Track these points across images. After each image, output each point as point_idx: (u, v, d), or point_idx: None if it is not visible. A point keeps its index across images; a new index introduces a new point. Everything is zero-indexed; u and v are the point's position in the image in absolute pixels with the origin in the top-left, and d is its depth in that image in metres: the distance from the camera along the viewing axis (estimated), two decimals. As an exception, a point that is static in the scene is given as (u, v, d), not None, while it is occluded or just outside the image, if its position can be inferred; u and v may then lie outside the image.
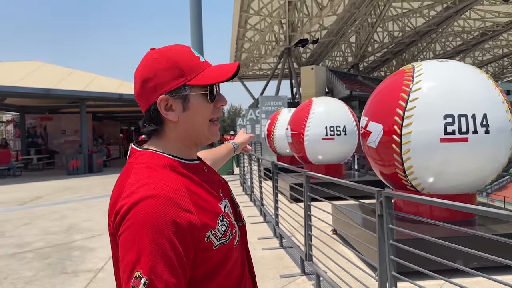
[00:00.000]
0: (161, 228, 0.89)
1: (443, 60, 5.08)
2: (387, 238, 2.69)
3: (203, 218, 0.98)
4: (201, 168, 1.14)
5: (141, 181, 0.97)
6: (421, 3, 38.03)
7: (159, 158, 1.06)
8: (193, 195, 1.00)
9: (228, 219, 1.08)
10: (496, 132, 4.44)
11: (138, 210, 0.91)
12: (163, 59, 1.07)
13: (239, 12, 35.83)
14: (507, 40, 51.47)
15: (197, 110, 1.07)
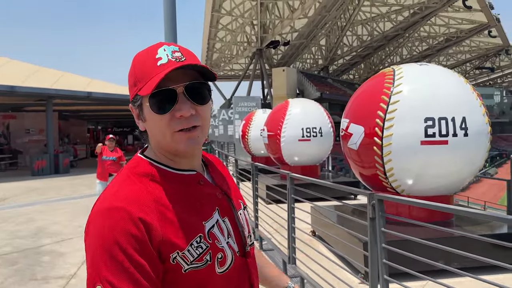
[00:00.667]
0: (117, 241, 0.86)
1: (423, 64, 5.15)
2: (380, 241, 2.67)
3: (169, 235, 0.90)
4: (194, 180, 1.04)
5: (110, 190, 0.97)
6: (389, 8, 39.03)
7: (142, 165, 1.02)
8: (164, 210, 0.93)
9: (210, 242, 0.96)
10: (475, 135, 4.53)
11: (95, 222, 0.91)
12: (131, 65, 1.03)
13: (210, 12, 35.65)
14: (470, 46, 53.60)
15: (150, 121, 1.00)
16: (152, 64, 0.97)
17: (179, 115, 0.97)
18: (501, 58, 60.86)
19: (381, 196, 2.68)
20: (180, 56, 0.98)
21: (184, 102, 0.97)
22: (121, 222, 0.88)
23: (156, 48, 1.00)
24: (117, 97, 19.87)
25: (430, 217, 4.80)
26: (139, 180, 0.97)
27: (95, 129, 41.44)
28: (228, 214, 1.06)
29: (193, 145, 1.00)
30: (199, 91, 1.00)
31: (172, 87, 0.96)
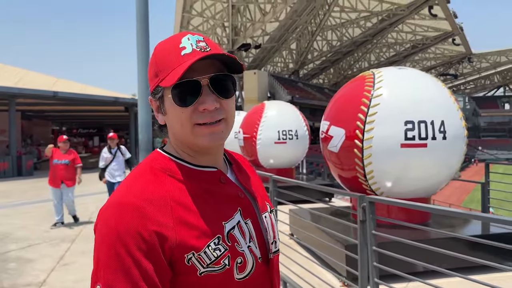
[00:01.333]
0: (123, 240, 0.81)
1: (402, 68, 5.23)
2: (370, 244, 2.65)
3: (183, 235, 0.84)
4: (215, 178, 0.97)
5: (124, 184, 0.92)
6: (358, 14, 39.84)
7: (160, 160, 0.96)
8: (179, 208, 0.87)
9: (229, 245, 0.89)
10: (453, 138, 4.62)
11: (104, 217, 0.86)
12: (152, 55, 0.97)
13: (181, 13, 35.29)
14: (435, 53, 55.50)
15: (171, 114, 0.94)
16: (176, 54, 0.91)
17: (202, 108, 0.91)
18: (464, 65, 63.41)
19: (372, 198, 2.66)
20: (205, 46, 0.93)
21: (208, 94, 0.91)
22: (130, 219, 0.82)
23: (180, 37, 0.94)
24: (85, 97, 19.30)
25: (408, 219, 4.86)
26: (155, 175, 0.92)
27: (59, 130, 40.14)
28: (251, 216, 0.99)
29: (216, 140, 0.94)
30: (224, 83, 0.94)
31: (196, 78, 0.89)
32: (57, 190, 7.71)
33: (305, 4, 33.33)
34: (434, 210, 2.40)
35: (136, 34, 12.67)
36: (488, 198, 5.62)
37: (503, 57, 65.24)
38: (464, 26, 42.71)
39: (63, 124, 41.59)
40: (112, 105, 22.20)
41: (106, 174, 8.24)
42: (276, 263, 1.06)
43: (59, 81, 20.40)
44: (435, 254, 3.14)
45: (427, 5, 35.06)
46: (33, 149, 23.50)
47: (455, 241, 4.42)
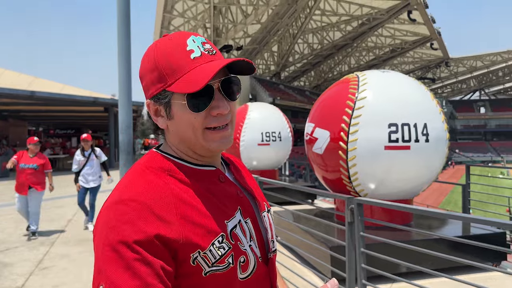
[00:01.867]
0: (126, 239, 0.77)
1: (385, 71, 5.28)
2: (358, 245, 2.65)
3: (188, 233, 0.82)
4: (215, 176, 0.97)
5: (125, 183, 0.88)
6: (339, 18, 40.23)
7: (159, 160, 0.94)
8: (183, 205, 0.85)
9: (233, 243, 0.88)
10: (435, 141, 4.69)
11: (106, 214, 0.83)
12: (149, 57, 0.94)
13: (162, 13, 34.97)
14: (413, 57, 56.51)
15: (182, 119, 0.92)
16: (185, 57, 0.89)
17: (216, 113, 0.91)
18: (441, 69, 64.72)
19: (361, 200, 2.67)
20: (211, 48, 0.93)
21: (220, 98, 0.92)
22: (133, 217, 0.79)
23: (184, 38, 0.91)
24: (63, 97, 18.90)
25: (391, 220, 4.91)
26: (155, 174, 0.89)
27: (36, 131, 39.22)
28: (251, 216, 0.98)
29: (226, 145, 0.95)
30: (231, 86, 0.94)
31: (210, 83, 0.88)
32: (23, 198, 6.96)
33: (286, 7, 33.48)
34: (424, 212, 2.42)
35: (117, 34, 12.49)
36: (469, 199, 5.73)
37: (479, 62, 66.92)
38: (442, 31, 43.64)
39: (39, 124, 40.68)
40: (92, 106, 21.82)
41: (79, 178, 7.55)
42: (274, 263, 1.05)
43: (36, 80, 19.91)
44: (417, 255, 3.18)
45: (406, 10, 35.64)
46: (10, 150, 22.89)
47: (437, 242, 4.49)
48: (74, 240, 6.67)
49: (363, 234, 2.65)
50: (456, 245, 4.44)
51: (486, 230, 4.80)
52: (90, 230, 7.41)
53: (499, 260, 4.60)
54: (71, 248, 6.18)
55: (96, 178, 7.63)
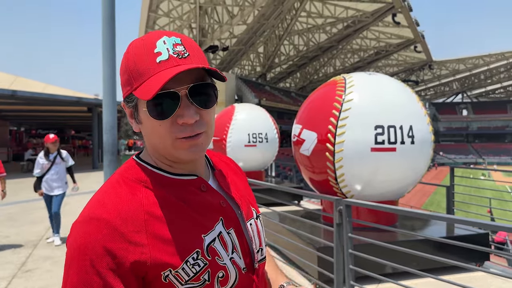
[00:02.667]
0: (92, 259, 0.76)
1: (372, 73, 5.32)
2: (346, 247, 2.67)
3: (158, 253, 0.79)
4: (195, 186, 0.91)
5: (98, 198, 0.85)
6: (324, 20, 40.48)
7: (136, 170, 0.90)
8: (155, 222, 0.81)
9: (209, 259, 0.84)
10: (420, 143, 4.74)
11: (74, 232, 0.81)
12: (123, 58, 0.89)
13: (147, 12, 34.72)
14: (397, 60, 57.24)
15: (148, 126, 0.88)
16: (150, 60, 0.83)
17: (181, 122, 0.84)
18: (425, 72, 65.75)
19: (349, 201, 2.68)
20: (183, 50, 0.85)
21: (187, 106, 0.84)
22: (100, 236, 0.77)
23: (155, 39, 0.85)
24: (46, 97, 18.60)
25: (376, 221, 4.96)
26: (129, 186, 0.86)
27: (18, 131, 38.52)
28: (234, 225, 0.94)
29: (197, 153, 0.88)
30: (204, 92, 0.87)
31: (174, 89, 0.82)
32: None
33: (272, 9, 33.56)
34: (412, 213, 2.45)
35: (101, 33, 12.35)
36: (453, 201, 5.82)
37: (461, 65, 68.19)
38: (425, 34, 44.29)
39: (21, 124, 39.99)
40: (75, 106, 21.53)
41: (42, 184, 6.69)
42: (262, 272, 1.01)
43: (18, 79, 19.55)
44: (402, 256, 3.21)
45: (391, 13, 36.07)
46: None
47: (422, 243, 4.55)
48: (58, 242, 6.55)
49: (351, 236, 2.67)
50: (440, 245, 4.50)
51: (470, 231, 4.87)
52: (56, 244, 6.42)
53: (482, 260, 4.68)
54: (54, 251, 6.07)
55: (62, 185, 6.80)
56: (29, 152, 22.02)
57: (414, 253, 2.73)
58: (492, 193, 21.71)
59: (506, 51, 61.72)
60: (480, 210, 15.45)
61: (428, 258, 2.70)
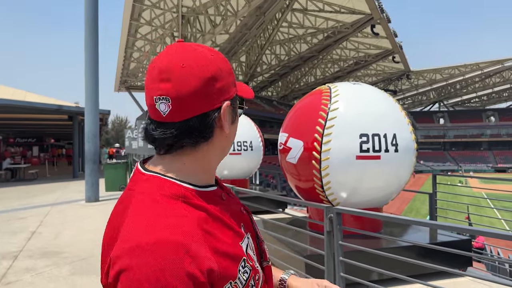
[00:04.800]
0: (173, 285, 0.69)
1: (356, 83, 5.44)
2: (337, 254, 2.71)
3: (222, 265, 0.78)
4: (218, 196, 0.92)
5: (143, 221, 0.76)
6: (305, 30, 40.98)
7: (168, 186, 0.84)
8: (209, 236, 0.79)
9: (251, 263, 0.86)
10: (404, 151, 4.86)
11: (138, 261, 0.70)
12: (223, 60, 0.91)
13: (129, 20, 34.49)
14: (376, 70, 58.27)
15: (234, 126, 0.97)
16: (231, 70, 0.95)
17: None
18: (403, 82, 67.02)
19: (339, 209, 2.73)
20: None
21: None
22: (177, 259, 0.71)
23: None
24: (25, 105, 18.24)
25: (361, 228, 5.03)
26: (171, 204, 0.80)
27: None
28: (250, 230, 0.98)
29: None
30: None
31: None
32: None
33: (254, 19, 33.81)
34: (400, 220, 2.51)
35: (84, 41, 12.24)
36: (435, 207, 5.95)
37: (438, 75, 69.84)
38: (403, 45, 45.26)
39: (-2, 132, 39.01)
40: (55, 114, 21.17)
41: None
42: (271, 271, 1.05)
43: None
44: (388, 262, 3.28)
45: (370, 24, 36.78)
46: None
47: (406, 249, 4.64)
48: (39, 253, 6.42)
49: (342, 243, 2.72)
50: (424, 252, 4.60)
51: (453, 237, 5.00)
52: None
53: (465, 266, 4.80)
54: (36, 262, 5.95)
55: None
56: (7, 161, 21.52)
57: (402, 259, 2.79)
58: (469, 199, 22.19)
59: (481, 61, 63.59)
60: (459, 216, 15.79)
61: (417, 264, 2.77)
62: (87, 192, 11.97)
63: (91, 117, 12.11)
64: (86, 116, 12.14)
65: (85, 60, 12.06)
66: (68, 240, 7.26)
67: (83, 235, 7.56)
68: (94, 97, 12.18)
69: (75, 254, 6.28)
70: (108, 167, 14.69)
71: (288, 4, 34.03)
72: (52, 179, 19.94)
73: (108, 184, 14.37)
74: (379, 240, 4.93)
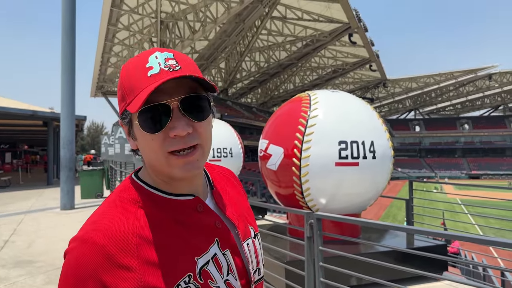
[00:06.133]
0: (83, 282, 0.79)
1: (334, 91, 5.51)
2: (317, 260, 2.73)
3: (149, 277, 0.79)
4: (191, 207, 0.91)
5: (93, 219, 0.87)
6: (284, 38, 41.39)
7: (131, 190, 0.90)
8: (146, 245, 0.81)
9: (201, 282, 0.84)
10: (381, 158, 4.94)
11: (68, 256, 0.83)
12: (120, 75, 0.91)
13: (106, 25, 34.12)
14: (353, 78, 59.24)
15: (142, 141, 0.88)
16: (142, 75, 0.84)
17: (173, 135, 0.84)
18: (379, 90, 68.33)
19: (320, 215, 2.76)
20: (174, 64, 0.85)
21: (179, 118, 0.84)
22: (92, 259, 0.79)
23: (147, 55, 0.87)
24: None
25: (340, 234, 5.08)
26: (124, 207, 0.86)
27: (-36, 145, 36.41)
28: (230, 246, 0.93)
29: (192, 170, 0.87)
30: (197, 104, 0.87)
31: (164, 101, 0.83)
32: None
33: (234, 26, 33.97)
34: (380, 226, 2.55)
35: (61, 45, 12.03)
36: (412, 213, 6.07)
37: (413, 84, 71.50)
38: (380, 54, 46.18)
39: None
40: (30, 119, 20.67)
41: None
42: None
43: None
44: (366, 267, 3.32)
45: (347, 33, 37.42)
46: None
47: (384, 254, 4.70)
48: (12, 262, 6.23)
49: (322, 249, 2.74)
50: (402, 257, 4.67)
51: (429, 242, 5.09)
52: None
53: (441, 271, 4.89)
54: (9, 271, 5.76)
55: None
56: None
57: (383, 265, 2.83)
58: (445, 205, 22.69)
59: (455, 70, 65.45)
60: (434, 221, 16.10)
61: (395, 269, 2.81)
62: (62, 199, 11.69)
63: (67, 123, 11.87)
64: (62, 122, 11.89)
65: (61, 65, 11.84)
66: (43, 248, 7.07)
67: (58, 244, 7.38)
68: (71, 102, 11.95)
69: (50, 263, 6.12)
70: (84, 174, 14.40)
71: (267, 12, 34.30)
72: (26, 186, 19.43)
73: (84, 191, 14.08)
74: (358, 245, 4.99)
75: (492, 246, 10.92)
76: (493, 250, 15.59)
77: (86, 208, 11.86)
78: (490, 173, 71.96)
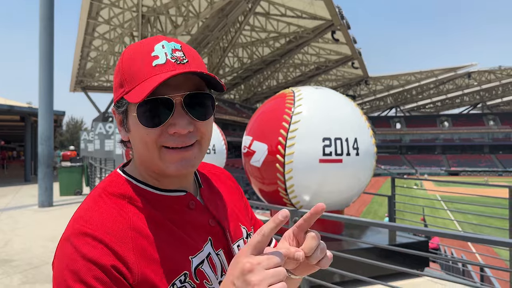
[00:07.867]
0: (82, 276, 0.71)
1: (318, 87, 5.49)
2: (302, 257, 2.71)
3: (145, 270, 0.75)
4: (183, 203, 0.86)
5: (79, 214, 0.79)
6: (267, 34, 41.36)
7: (117, 184, 0.85)
8: (141, 239, 0.77)
9: (197, 282, 0.80)
10: (364, 154, 4.95)
11: (61, 251, 0.75)
12: (118, 61, 0.85)
13: (86, 19, 33.52)
14: (336, 75, 59.64)
15: (135, 133, 0.83)
16: (146, 63, 0.78)
17: (173, 131, 0.79)
18: (361, 87, 68.99)
19: (304, 212, 2.72)
20: (182, 56, 0.80)
21: (181, 115, 0.80)
22: (88, 252, 0.72)
23: (153, 43, 0.81)
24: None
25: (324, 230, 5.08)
26: (112, 202, 0.81)
27: None
28: (223, 246, 0.89)
29: (187, 168, 0.83)
30: (201, 103, 0.82)
31: (169, 96, 0.78)
32: None
33: (217, 21, 33.74)
34: (369, 223, 2.54)
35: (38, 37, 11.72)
36: (394, 210, 6.12)
37: (395, 81, 72.38)
38: (362, 51, 46.59)
39: None
40: (6, 114, 20.14)
41: None
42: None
43: None
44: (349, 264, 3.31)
45: (330, 30, 37.61)
46: None
47: (367, 251, 4.73)
48: (-13, 262, 6.05)
49: (306, 246, 2.72)
50: (384, 253, 4.70)
51: (411, 238, 5.13)
52: None
53: (423, 267, 4.94)
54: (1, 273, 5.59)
55: None
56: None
57: (365, 261, 2.82)
58: (425, 201, 23.07)
59: (435, 68, 66.48)
60: (415, 218, 16.36)
61: (377, 265, 2.80)
62: (41, 196, 11.42)
63: (45, 118, 11.59)
64: (40, 117, 11.61)
65: (39, 58, 11.54)
66: (19, 247, 6.89)
67: (35, 242, 7.19)
68: (49, 97, 11.67)
69: (27, 262, 5.96)
70: (62, 170, 14.09)
71: (250, 7, 34.16)
72: (2, 183, 18.95)
73: (63, 188, 13.79)
74: (340, 242, 5.00)
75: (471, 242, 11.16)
76: (471, 245, 15.93)
77: (65, 206, 11.62)
78: (469, 170, 73.51)
